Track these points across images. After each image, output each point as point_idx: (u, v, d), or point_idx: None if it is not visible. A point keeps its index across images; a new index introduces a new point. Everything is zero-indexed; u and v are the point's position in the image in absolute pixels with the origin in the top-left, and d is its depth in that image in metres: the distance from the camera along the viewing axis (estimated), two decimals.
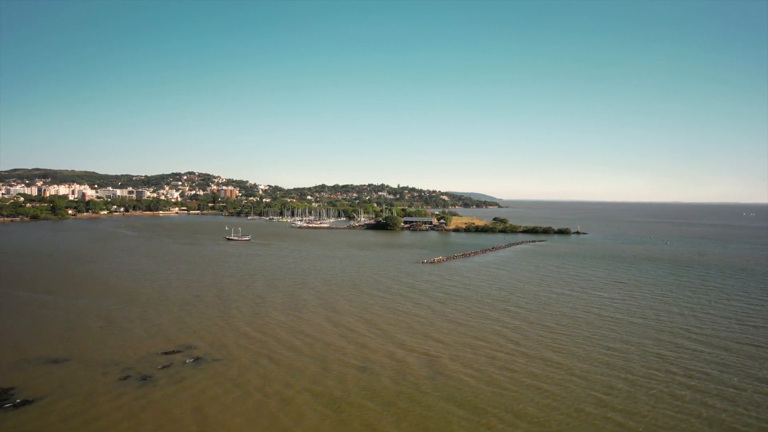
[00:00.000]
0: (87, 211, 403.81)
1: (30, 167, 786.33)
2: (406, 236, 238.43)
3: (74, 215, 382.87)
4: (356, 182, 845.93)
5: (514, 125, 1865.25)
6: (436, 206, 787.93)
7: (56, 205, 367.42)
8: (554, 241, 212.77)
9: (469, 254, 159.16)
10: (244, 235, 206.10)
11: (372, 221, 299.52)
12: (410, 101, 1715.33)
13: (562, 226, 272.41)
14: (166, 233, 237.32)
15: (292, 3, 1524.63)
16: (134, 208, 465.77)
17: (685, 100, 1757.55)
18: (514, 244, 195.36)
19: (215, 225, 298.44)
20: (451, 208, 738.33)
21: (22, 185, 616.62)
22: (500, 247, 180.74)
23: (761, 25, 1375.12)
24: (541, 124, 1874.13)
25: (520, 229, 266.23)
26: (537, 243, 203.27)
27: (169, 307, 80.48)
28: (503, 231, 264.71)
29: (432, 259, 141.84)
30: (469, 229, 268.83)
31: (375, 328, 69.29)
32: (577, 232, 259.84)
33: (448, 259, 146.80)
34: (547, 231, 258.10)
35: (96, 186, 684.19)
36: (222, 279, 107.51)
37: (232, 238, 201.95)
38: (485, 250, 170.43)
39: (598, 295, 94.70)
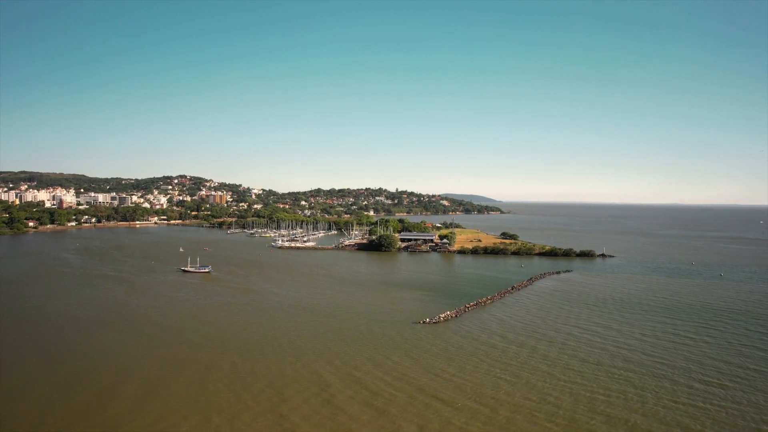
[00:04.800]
0: (52, 222, 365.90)
1: (17, 170, 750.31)
2: (403, 262, 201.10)
3: (35, 228, 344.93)
4: (353, 186, 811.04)
5: (514, 127, 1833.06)
6: (436, 212, 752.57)
7: (13, 217, 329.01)
8: (579, 271, 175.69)
9: (484, 302, 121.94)
10: (202, 266, 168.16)
11: (365, 240, 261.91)
12: (409, 103, 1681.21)
13: (585, 248, 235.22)
14: (120, 259, 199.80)
15: (289, 4, 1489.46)
16: (108, 219, 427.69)
17: (686, 102, 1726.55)
18: (534, 278, 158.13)
19: (182, 244, 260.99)
20: (451, 214, 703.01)
21: (5, 189, 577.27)
22: (520, 287, 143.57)
23: (763, 28, 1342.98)
24: (541, 126, 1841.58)
25: (536, 251, 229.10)
26: (561, 276, 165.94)
27: None
28: (516, 253, 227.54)
29: (435, 317, 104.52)
30: (477, 251, 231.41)
31: None
32: (603, 255, 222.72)
33: (457, 313, 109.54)
34: (567, 254, 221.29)
35: (82, 190, 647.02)
36: (113, 379, 70.19)
37: (188, 269, 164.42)
38: (503, 293, 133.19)
39: None
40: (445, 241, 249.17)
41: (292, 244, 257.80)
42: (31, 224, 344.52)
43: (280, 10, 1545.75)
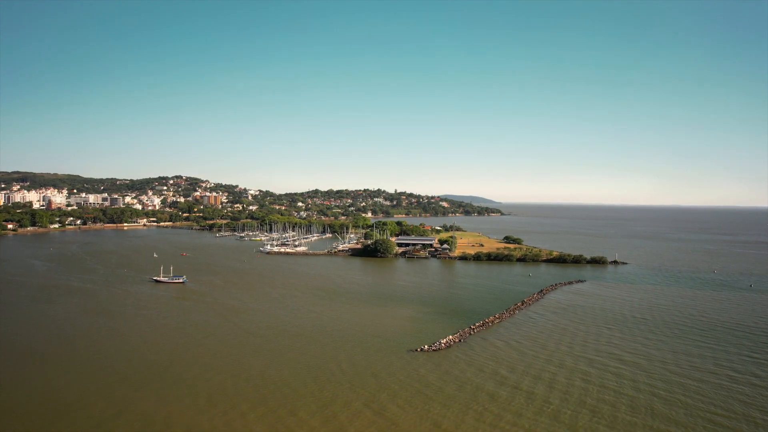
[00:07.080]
0: (33, 224, 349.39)
1: (11, 170, 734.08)
2: (400, 271, 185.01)
3: (15, 231, 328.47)
4: (351, 187, 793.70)
5: (514, 127, 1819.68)
6: (436, 214, 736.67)
7: None
8: (592, 281, 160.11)
9: (491, 321, 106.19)
10: (176, 276, 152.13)
11: (359, 245, 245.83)
12: (409, 104, 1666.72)
13: (593, 253, 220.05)
14: (91, 267, 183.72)
15: (287, 4, 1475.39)
16: (95, 221, 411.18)
17: (687, 103, 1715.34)
18: (545, 290, 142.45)
19: (162, 249, 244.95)
20: (450, 216, 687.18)
21: None
22: (531, 301, 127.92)
23: (763, 28, 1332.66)
24: (541, 127, 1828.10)
25: (543, 258, 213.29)
26: (574, 287, 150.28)
27: None
28: (522, 260, 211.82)
29: (435, 343, 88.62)
30: (480, 257, 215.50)
31: None
32: (615, 262, 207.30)
33: (460, 336, 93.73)
34: (577, 261, 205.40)
35: (75, 191, 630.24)
36: None
37: (161, 279, 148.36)
38: (512, 309, 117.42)
39: None
40: (445, 246, 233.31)
41: (282, 249, 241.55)
42: (10, 227, 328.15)
43: (278, 10, 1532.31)
